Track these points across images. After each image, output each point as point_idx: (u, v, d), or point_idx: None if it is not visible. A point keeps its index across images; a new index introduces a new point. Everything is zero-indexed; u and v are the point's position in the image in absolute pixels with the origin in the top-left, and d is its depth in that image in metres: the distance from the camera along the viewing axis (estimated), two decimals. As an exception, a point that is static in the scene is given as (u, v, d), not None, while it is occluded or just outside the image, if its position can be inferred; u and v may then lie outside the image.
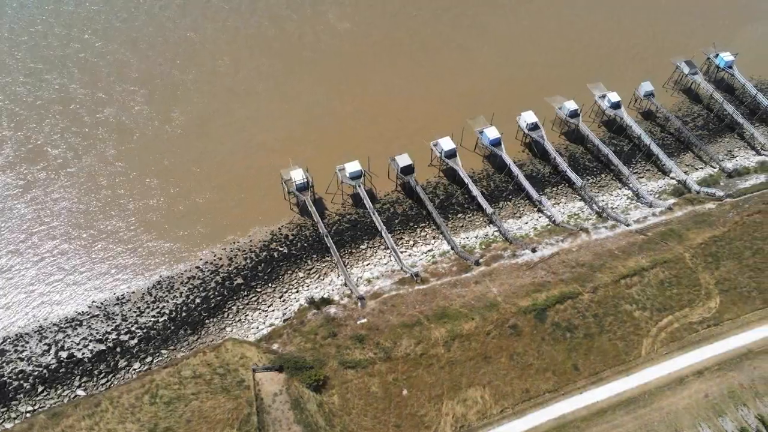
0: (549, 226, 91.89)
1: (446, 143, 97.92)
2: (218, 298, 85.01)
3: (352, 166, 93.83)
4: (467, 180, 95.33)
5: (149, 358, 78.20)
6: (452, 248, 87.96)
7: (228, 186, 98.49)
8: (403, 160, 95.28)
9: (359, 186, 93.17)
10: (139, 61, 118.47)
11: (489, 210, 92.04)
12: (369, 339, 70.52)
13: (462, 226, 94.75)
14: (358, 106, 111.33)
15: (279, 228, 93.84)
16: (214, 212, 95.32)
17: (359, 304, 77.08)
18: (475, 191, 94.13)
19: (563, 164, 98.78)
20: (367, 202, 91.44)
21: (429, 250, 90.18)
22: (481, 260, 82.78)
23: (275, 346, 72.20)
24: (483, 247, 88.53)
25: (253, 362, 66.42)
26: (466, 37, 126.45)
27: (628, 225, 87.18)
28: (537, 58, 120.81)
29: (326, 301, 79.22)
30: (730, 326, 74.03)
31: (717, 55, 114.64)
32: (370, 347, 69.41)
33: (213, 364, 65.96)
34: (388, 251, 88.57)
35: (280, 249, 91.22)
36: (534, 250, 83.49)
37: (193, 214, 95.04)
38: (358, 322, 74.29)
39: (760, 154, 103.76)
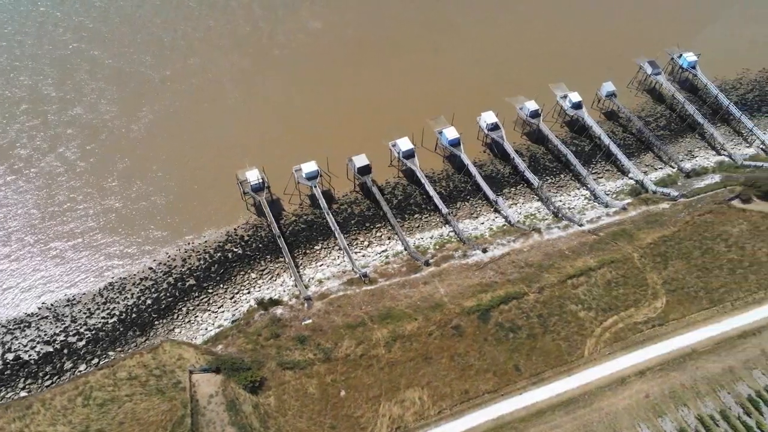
0: (504, 227, 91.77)
1: (404, 144, 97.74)
2: (169, 299, 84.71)
3: (309, 167, 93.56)
4: (424, 180, 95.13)
5: (96, 360, 77.86)
6: (405, 248, 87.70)
7: (188, 186, 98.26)
8: (360, 160, 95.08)
9: (315, 186, 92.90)
10: (111, 59, 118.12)
11: (444, 210, 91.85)
12: (311, 340, 70.23)
13: (418, 226, 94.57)
14: (324, 106, 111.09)
15: (235, 229, 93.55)
16: (172, 213, 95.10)
17: (306, 305, 76.80)
18: (431, 192, 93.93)
19: (522, 164, 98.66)
20: (322, 202, 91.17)
21: (383, 251, 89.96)
22: (431, 261, 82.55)
23: (219, 348, 71.85)
24: (437, 247, 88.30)
25: (191, 363, 66.02)
26: (437, 38, 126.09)
27: (581, 225, 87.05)
28: (503, 58, 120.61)
29: (274, 302, 78.90)
30: (676, 326, 73.84)
31: (680, 55, 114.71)
32: (310, 348, 69.12)
33: (149, 366, 65.51)
34: (342, 252, 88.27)
35: (235, 250, 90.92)
36: (485, 251, 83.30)
37: (150, 215, 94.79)
38: (303, 323, 74.01)
39: (719, 154, 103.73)
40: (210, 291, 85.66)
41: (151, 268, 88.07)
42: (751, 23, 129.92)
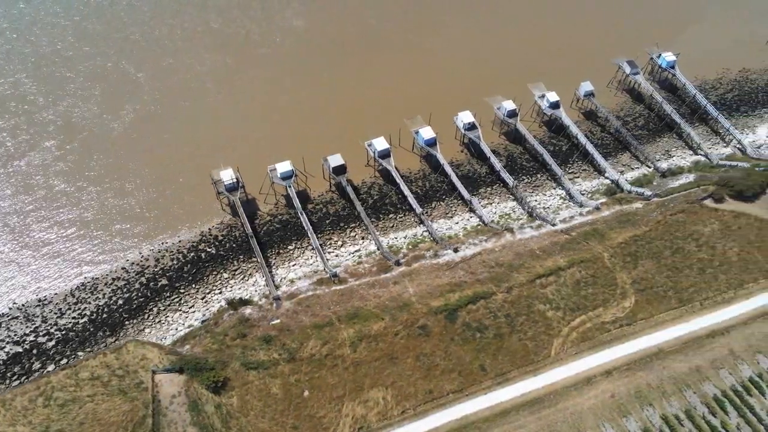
0: (479, 226, 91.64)
1: (380, 143, 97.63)
2: (141, 299, 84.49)
3: (283, 167, 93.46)
4: (399, 180, 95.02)
5: (65, 360, 77.55)
6: (378, 248, 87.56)
7: (164, 186, 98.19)
8: (335, 160, 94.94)
9: (290, 186, 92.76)
10: (95, 57, 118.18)
11: (418, 210, 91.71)
12: (277, 340, 70.07)
13: (393, 226, 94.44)
14: (303, 105, 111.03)
15: (209, 229, 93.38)
16: (148, 213, 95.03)
17: (274, 305, 76.65)
18: (406, 191, 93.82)
19: (497, 164, 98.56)
20: (296, 202, 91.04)
21: (356, 251, 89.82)
22: (402, 260, 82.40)
23: (186, 348, 71.70)
24: (410, 247, 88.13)
25: (154, 364, 65.85)
26: (418, 37, 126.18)
27: (553, 225, 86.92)
28: (483, 58, 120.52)
29: (244, 302, 78.72)
30: (644, 326, 73.70)
31: (659, 55, 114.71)
32: (275, 348, 68.97)
33: (112, 366, 65.37)
34: (315, 252, 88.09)
35: (208, 250, 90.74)
36: (456, 250, 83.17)
37: (125, 215, 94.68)
38: (271, 323, 73.87)
39: (696, 154, 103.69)
40: (182, 291, 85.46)
41: (124, 268, 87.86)
42: (732, 23, 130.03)
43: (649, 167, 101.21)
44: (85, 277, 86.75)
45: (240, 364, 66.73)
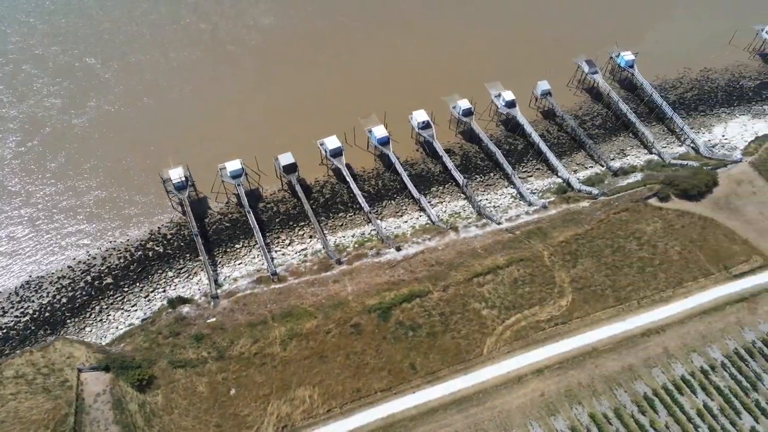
0: (427, 225, 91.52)
1: (331, 142, 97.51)
2: (84, 297, 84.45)
3: (233, 165, 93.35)
4: (349, 178, 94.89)
5: (1, 359, 77.38)
6: (323, 247, 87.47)
7: (118, 184, 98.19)
8: (286, 158, 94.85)
9: (239, 185, 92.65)
10: (62, 54, 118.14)
11: (366, 208, 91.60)
12: (208, 338, 69.99)
13: (342, 225, 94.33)
14: (262, 103, 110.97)
15: (159, 227, 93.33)
16: (99, 211, 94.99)
17: (212, 303, 76.54)
18: (355, 190, 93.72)
19: (449, 163, 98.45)
20: (244, 201, 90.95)
21: (303, 249, 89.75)
22: (343, 259, 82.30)
23: (122, 346, 71.61)
24: (356, 246, 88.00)
25: (80, 362, 65.72)
26: (386, 35, 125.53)
27: (499, 224, 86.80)
28: (445, 56, 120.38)
29: (183, 301, 78.60)
30: (579, 324, 73.55)
31: (618, 54, 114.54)
32: (205, 346, 68.89)
33: (38, 364, 65.26)
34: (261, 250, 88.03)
35: (156, 248, 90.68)
36: (399, 249, 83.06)
37: (77, 213, 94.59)
38: (207, 321, 73.78)
39: (650, 153, 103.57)
40: (126, 290, 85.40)
41: (70, 267, 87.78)
42: (696, 23, 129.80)
43: (603, 166, 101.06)
44: (30, 276, 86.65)
45: (167, 363, 66.64)
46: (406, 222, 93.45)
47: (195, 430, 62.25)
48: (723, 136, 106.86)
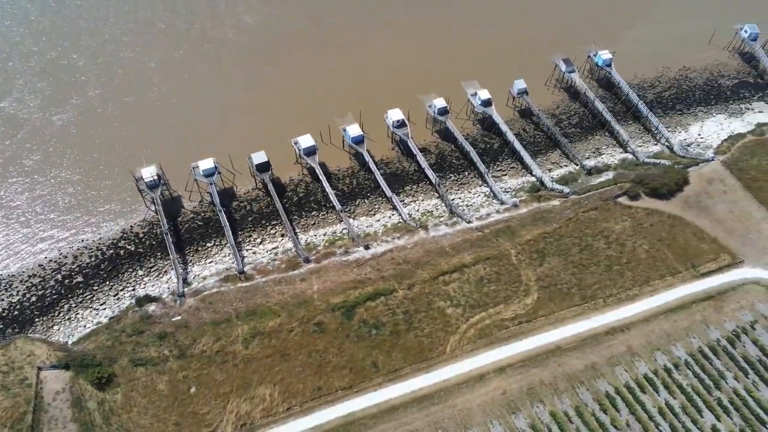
0: (399, 223, 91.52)
1: (305, 141, 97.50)
2: (54, 296, 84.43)
3: (205, 164, 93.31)
4: (322, 177, 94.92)
5: (-31, 357, 77.42)
6: (294, 245, 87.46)
7: (92, 183, 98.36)
8: (259, 157, 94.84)
9: (211, 184, 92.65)
10: (46, 51, 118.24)
11: (338, 207, 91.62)
12: (171, 336, 70.06)
13: (314, 223, 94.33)
14: (240, 101, 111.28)
15: (131, 226, 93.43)
16: (72, 210, 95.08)
17: (178, 302, 76.57)
18: (328, 188, 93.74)
19: (423, 162, 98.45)
20: (216, 199, 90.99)
21: (274, 248, 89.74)
22: (311, 257, 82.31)
23: (85, 345, 71.62)
24: (327, 244, 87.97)
25: (41, 360, 65.74)
26: (365, 34, 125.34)
27: (469, 222, 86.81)
28: (423, 55, 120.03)
29: (150, 299, 78.64)
30: (543, 323, 73.57)
31: (596, 53, 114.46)
32: (167, 345, 68.92)
33: (-2, 362, 65.31)
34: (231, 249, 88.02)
35: (128, 247, 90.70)
36: (367, 247, 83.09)
37: (49, 212, 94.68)
38: (172, 320, 73.84)
39: (625, 151, 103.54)
40: (95, 288, 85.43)
41: (41, 266, 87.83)
42: (676, 22, 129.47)
43: (577, 165, 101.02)
44: (1, 275, 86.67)
45: (128, 361, 66.72)
46: (378, 221, 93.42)
47: (153, 429, 62.28)
48: (699, 134, 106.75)
